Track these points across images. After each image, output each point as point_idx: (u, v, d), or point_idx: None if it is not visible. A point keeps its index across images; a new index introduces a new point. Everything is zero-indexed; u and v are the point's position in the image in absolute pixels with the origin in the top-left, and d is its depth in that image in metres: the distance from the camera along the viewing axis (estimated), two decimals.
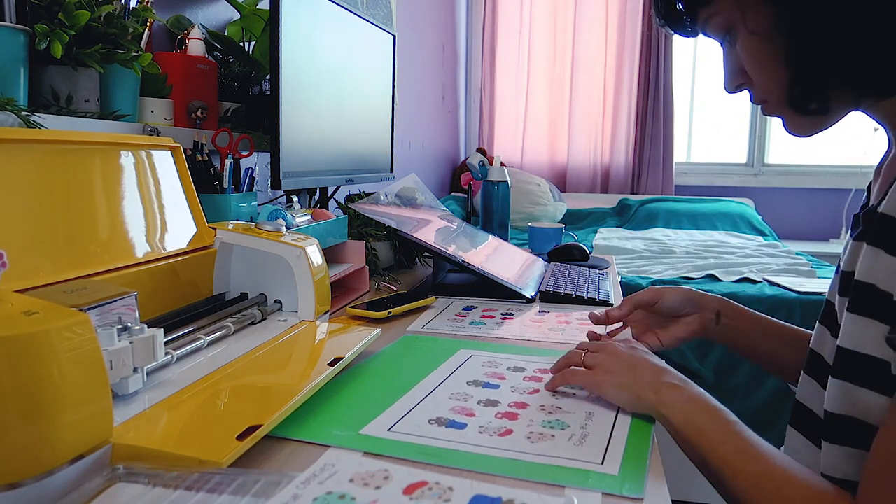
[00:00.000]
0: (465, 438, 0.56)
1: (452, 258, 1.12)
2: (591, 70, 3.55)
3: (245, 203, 1.05)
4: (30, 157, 0.62)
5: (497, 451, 0.54)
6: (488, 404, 0.65)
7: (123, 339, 0.54)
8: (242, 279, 0.84)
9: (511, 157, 3.67)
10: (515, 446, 0.55)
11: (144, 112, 1.05)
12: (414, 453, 0.53)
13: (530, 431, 0.58)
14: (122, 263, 0.68)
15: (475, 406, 0.64)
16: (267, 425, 0.52)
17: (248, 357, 0.67)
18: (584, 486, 0.49)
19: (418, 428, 0.58)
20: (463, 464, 0.52)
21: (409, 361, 0.78)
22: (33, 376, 0.41)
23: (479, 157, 1.73)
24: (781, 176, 3.46)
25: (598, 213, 3.26)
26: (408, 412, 0.62)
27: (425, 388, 0.69)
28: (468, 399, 0.66)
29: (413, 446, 0.54)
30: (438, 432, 0.58)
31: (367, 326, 0.81)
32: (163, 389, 0.58)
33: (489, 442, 0.56)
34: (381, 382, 0.70)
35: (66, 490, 0.43)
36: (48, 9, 0.82)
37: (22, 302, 0.46)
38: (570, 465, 0.52)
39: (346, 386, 0.69)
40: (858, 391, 0.53)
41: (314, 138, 1.18)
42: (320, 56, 1.18)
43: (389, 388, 0.68)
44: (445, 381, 0.71)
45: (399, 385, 0.69)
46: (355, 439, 0.56)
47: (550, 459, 0.53)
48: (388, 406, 0.63)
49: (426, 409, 0.63)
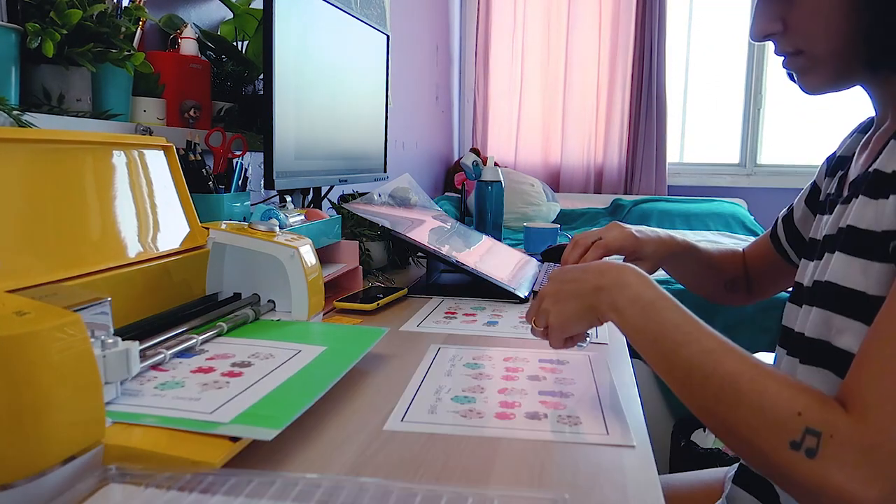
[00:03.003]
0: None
1: (446, 258, 1.12)
2: (584, 70, 3.56)
3: (238, 203, 1.05)
4: (21, 156, 0.62)
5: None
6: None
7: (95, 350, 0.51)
8: (235, 279, 0.84)
9: (505, 157, 3.67)
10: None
11: (137, 111, 1.05)
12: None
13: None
14: (114, 263, 0.68)
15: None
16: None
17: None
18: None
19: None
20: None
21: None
22: (25, 377, 0.41)
23: (473, 157, 1.73)
24: (774, 176, 3.47)
25: (592, 213, 3.27)
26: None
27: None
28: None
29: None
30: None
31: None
32: None
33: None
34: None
35: (58, 491, 0.42)
36: (40, 7, 0.82)
37: (14, 302, 0.45)
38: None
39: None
40: (835, 317, 0.60)
41: (307, 138, 1.18)
42: (314, 56, 1.18)
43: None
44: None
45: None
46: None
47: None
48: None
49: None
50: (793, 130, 3.47)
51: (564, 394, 0.68)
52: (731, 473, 0.83)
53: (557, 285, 0.67)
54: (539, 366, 0.77)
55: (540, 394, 0.68)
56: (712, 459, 1.66)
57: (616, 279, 0.63)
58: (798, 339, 0.67)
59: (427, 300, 1.12)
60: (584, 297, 0.65)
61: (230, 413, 0.52)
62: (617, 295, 0.62)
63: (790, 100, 3.41)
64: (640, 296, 0.61)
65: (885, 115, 0.67)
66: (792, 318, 0.71)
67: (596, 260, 0.93)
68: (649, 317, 0.60)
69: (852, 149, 0.74)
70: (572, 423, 0.61)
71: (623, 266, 0.64)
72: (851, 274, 0.58)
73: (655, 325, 0.59)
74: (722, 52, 3.52)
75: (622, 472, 0.52)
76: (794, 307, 0.71)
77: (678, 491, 0.91)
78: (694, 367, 0.55)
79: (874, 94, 0.67)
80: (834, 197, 0.69)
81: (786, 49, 0.65)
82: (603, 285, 0.63)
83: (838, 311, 0.59)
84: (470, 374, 0.74)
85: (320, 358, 0.66)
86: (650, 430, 0.61)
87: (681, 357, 0.56)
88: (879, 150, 0.61)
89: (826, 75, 0.64)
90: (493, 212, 1.64)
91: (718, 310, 1.80)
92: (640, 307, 0.60)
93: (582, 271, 0.66)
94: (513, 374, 0.74)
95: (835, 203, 0.67)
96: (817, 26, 0.61)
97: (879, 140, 0.66)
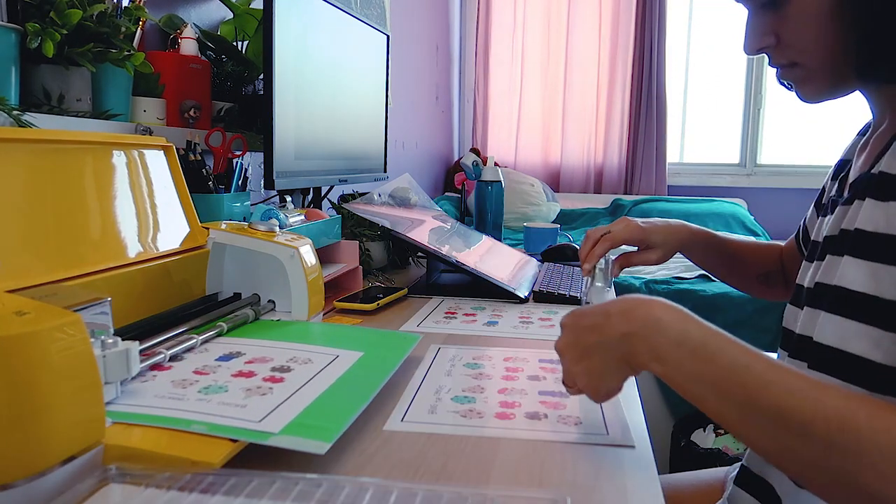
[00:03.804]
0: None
1: (446, 258, 1.12)
2: (584, 70, 3.56)
3: (238, 203, 1.05)
4: (21, 156, 0.62)
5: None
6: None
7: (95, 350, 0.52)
8: (235, 279, 0.84)
9: (504, 157, 3.67)
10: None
11: (137, 111, 1.05)
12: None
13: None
14: (114, 263, 0.68)
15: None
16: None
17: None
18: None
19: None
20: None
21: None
22: (25, 377, 0.41)
23: (473, 157, 1.73)
24: (774, 176, 3.47)
25: (592, 213, 3.27)
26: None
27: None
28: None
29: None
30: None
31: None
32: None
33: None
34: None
35: (57, 491, 0.42)
36: (40, 7, 0.82)
37: (14, 302, 0.45)
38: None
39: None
40: (847, 322, 0.57)
41: (307, 138, 1.18)
42: (314, 56, 1.18)
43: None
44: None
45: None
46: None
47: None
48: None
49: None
50: (793, 130, 3.47)
51: (564, 394, 0.68)
52: (732, 473, 0.83)
53: (573, 336, 0.57)
54: (539, 366, 0.77)
55: (540, 394, 0.68)
56: (712, 459, 1.66)
57: (645, 319, 0.53)
58: (802, 342, 0.66)
59: (427, 300, 1.12)
60: (611, 349, 0.54)
61: (278, 422, 0.51)
62: (654, 340, 0.52)
63: (790, 100, 3.38)
64: (685, 337, 0.51)
65: (882, 117, 0.67)
66: (792, 320, 0.71)
67: (603, 253, 0.95)
68: (705, 362, 0.50)
69: (852, 152, 0.74)
70: (572, 423, 0.61)
71: (648, 301, 0.54)
72: (863, 278, 0.57)
73: (716, 370, 0.49)
74: (722, 52, 3.52)
75: (622, 472, 0.52)
76: (795, 309, 0.71)
77: (678, 491, 0.91)
78: (785, 414, 0.46)
79: (871, 98, 0.68)
80: (835, 198, 0.69)
81: (780, 61, 0.66)
82: (632, 331, 0.53)
83: (851, 317, 0.58)
84: (470, 374, 0.74)
85: (359, 364, 0.65)
86: (650, 430, 0.61)
87: (762, 405, 0.47)
88: (881, 152, 0.61)
89: (821, 85, 0.64)
90: (493, 212, 1.64)
91: (718, 309, 1.80)
92: (690, 351, 0.50)
93: (602, 315, 0.55)
94: (513, 374, 0.74)
95: (836, 204, 0.67)
96: (808, 39, 0.62)
97: (878, 141, 0.66)
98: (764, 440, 0.48)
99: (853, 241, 0.59)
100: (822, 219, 0.72)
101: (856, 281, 0.58)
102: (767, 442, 0.48)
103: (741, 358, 0.49)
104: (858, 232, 0.59)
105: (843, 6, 0.59)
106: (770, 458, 0.49)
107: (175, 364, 0.63)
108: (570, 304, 1.11)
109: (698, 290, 1.86)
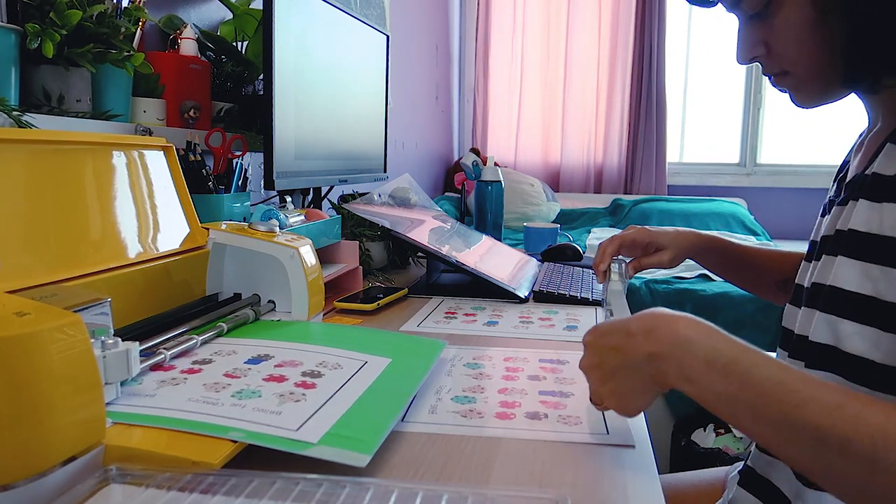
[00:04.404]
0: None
1: (446, 258, 1.12)
2: (584, 70, 3.56)
3: (238, 203, 1.05)
4: (21, 157, 0.62)
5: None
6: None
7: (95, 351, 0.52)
8: (236, 279, 0.84)
9: (504, 157, 3.67)
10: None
11: (137, 112, 1.05)
12: None
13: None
14: (114, 264, 0.68)
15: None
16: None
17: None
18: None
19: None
20: None
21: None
22: (25, 377, 0.41)
23: (473, 157, 1.73)
24: (774, 176, 3.47)
25: (592, 213, 3.27)
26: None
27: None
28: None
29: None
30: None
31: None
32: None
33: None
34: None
35: (58, 491, 0.42)
36: (39, 8, 0.82)
37: (14, 303, 0.45)
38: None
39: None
40: (842, 322, 0.58)
41: (307, 138, 1.18)
42: (313, 56, 1.18)
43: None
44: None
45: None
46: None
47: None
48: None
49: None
50: (793, 130, 3.47)
51: (564, 394, 0.68)
52: (732, 473, 0.83)
53: (597, 358, 0.55)
54: (539, 366, 0.77)
55: (540, 394, 0.68)
56: (712, 459, 1.67)
57: (671, 338, 0.51)
58: (800, 342, 0.67)
59: (427, 300, 1.12)
60: (637, 369, 0.52)
61: (316, 432, 0.50)
62: (682, 359, 0.50)
63: (790, 100, 3.41)
64: (715, 355, 0.49)
65: (876, 119, 0.68)
66: (791, 320, 0.71)
67: (614, 251, 0.96)
68: (737, 380, 0.48)
69: (851, 153, 0.75)
70: (572, 423, 0.61)
71: (671, 318, 0.52)
72: (857, 278, 0.57)
73: (750, 389, 0.47)
74: (722, 52, 3.52)
75: (622, 472, 0.52)
76: (794, 309, 0.71)
77: (679, 491, 0.91)
78: (823, 432, 0.44)
79: (865, 101, 0.68)
80: (833, 198, 0.70)
81: (772, 70, 0.66)
82: (658, 351, 0.51)
83: (846, 316, 0.58)
84: (470, 374, 0.74)
85: (388, 372, 0.65)
86: (650, 430, 0.61)
87: (798, 424, 0.45)
88: (875, 153, 0.61)
89: (814, 92, 0.65)
90: (493, 212, 1.64)
91: (718, 309, 1.80)
92: (720, 369, 0.49)
93: (625, 335, 0.53)
94: (513, 374, 0.74)
95: (833, 204, 0.67)
96: (794, 49, 0.62)
97: (873, 143, 0.66)
98: (804, 459, 0.47)
99: (847, 241, 0.60)
100: (820, 219, 0.72)
101: (849, 281, 0.58)
102: (808, 461, 0.47)
103: (776, 374, 0.47)
104: (852, 232, 0.59)
105: (825, 18, 0.59)
106: (813, 476, 0.48)
107: (205, 367, 0.62)
108: (570, 304, 1.11)
109: (698, 289, 1.86)
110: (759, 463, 0.73)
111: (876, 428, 0.43)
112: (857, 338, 0.57)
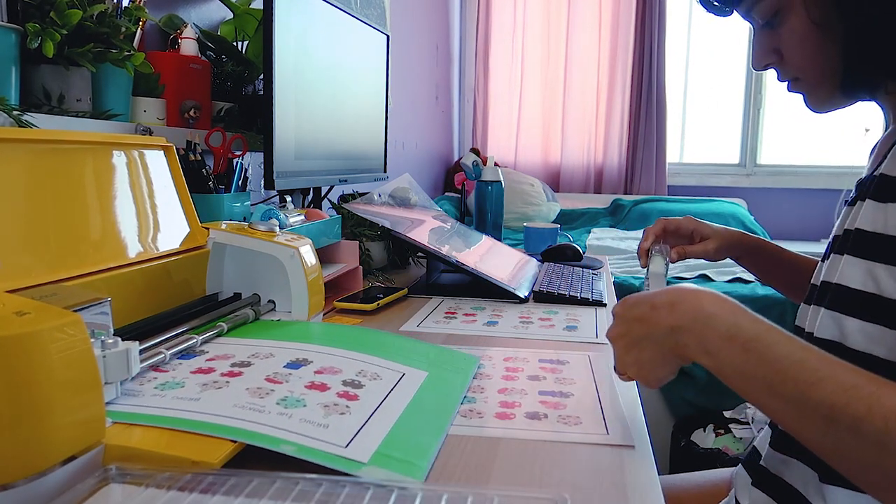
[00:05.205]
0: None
1: (446, 258, 1.12)
2: (584, 70, 3.56)
3: (238, 203, 1.05)
4: (21, 156, 0.61)
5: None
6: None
7: (95, 350, 0.52)
8: (236, 279, 0.84)
9: (504, 157, 3.67)
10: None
11: (137, 112, 1.05)
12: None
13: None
14: (114, 263, 0.68)
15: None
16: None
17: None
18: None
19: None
20: None
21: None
22: (25, 377, 0.41)
23: (473, 157, 1.73)
24: (774, 176, 3.47)
25: (592, 213, 3.27)
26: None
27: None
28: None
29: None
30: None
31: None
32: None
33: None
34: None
35: (58, 491, 0.42)
36: (40, 7, 0.82)
37: (14, 302, 0.45)
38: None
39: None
40: (847, 319, 0.58)
41: (307, 138, 1.18)
42: (314, 56, 1.18)
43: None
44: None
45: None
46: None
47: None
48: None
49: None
50: (793, 130, 3.48)
51: (564, 394, 0.68)
52: (735, 472, 0.82)
53: (624, 326, 0.58)
54: (539, 366, 0.77)
55: (540, 394, 0.68)
56: (712, 459, 1.66)
57: (694, 312, 0.53)
58: (809, 339, 0.67)
59: (427, 300, 1.12)
60: (659, 341, 0.55)
61: (365, 450, 0.50)
62: (704, 333, 0.52)
63: (790, 100, 3.39)
64: (737, 331, 0.51)
65: (890, 121, 0.69)
66: (803, 318, 0.72)
67: (657, 232, 0.96)
68: (756, 357, 0.49)
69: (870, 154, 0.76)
70: (572, 423, 0.61)
71: (697, 291, 0.54)
72: (862, 276, 0.58)
73: (768, 366, 0.49)
74: (722, 52, 3.52)
75: (622, 472, 0.52)
76: (806, 307, 0.72)
77: (679, 491, 0.91)
78: (837, 411, 0.45)
79: (880, 104, 0.69)
80: (847, 199, 0.71)
81: (785, 77, 0.69)
82: (680, 324, 0.53)
83: (850, 314, 0.59)
84: None
85: (426, 386, 0.65)
86: (650, 430, 0.61)
87: (813, 401, 0.46)
88: (885, 154, 0.62)
89: (826, 97, 0.67)
90: (493, 212, 1.64)
91: None
92: (741, 346, 0.50)
93: (650, 307, 0.56)
94: (513, 374, 0.74)
95: (846, 204, 0.68)
96: (802, 57, 0.65)
97: (885, 144, 0.68)
98: (815, 436, 0.47)
99: (853, 240, 0.61)
100: (837, 220, 0.74)
101: (854, 279, 0.59)
102: (819, 438, 0.47)
103: (795, 353, 0.49)
104: (858, 231, 0.60)
105: (826, 26, 0.61)
106: (823, 455, 0.49)
107: (245, 370, 0.62)
108: (570, 304, 1.11)
109: None
110: (773, 462, 0.73)
111: (890, 409, 0.44)
112: (861, 334, 0.58)
